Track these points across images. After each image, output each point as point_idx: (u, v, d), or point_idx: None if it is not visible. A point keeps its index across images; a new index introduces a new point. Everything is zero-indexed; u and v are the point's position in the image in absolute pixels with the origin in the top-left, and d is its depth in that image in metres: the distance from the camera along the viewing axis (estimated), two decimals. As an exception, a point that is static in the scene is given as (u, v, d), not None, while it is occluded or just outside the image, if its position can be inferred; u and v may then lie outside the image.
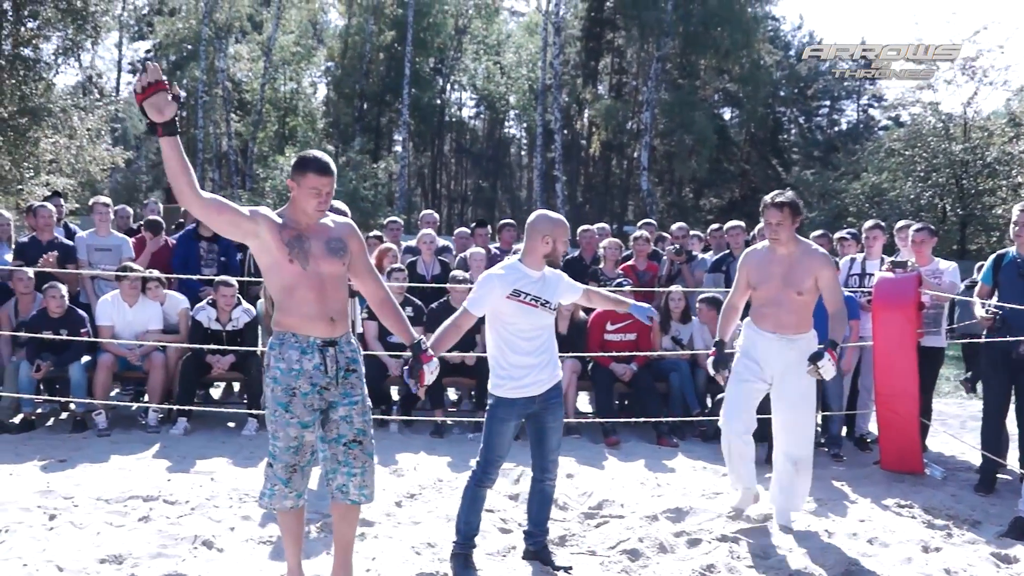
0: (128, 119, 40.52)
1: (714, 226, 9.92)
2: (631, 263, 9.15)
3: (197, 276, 8.64)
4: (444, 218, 43.56)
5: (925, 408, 7.21)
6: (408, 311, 8.25)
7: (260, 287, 8.37)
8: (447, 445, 7.63)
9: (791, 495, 5.50)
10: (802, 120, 46.16)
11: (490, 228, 10.03)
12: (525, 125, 47.03)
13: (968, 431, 8.56)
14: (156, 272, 8.29)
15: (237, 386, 9.26)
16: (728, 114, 43.42)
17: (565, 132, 38.37)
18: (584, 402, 9.38)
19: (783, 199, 5.20)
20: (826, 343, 5.15)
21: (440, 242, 9.71)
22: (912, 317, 6.79)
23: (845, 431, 8.05)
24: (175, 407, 7.85)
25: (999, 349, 6.28)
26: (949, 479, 6.90)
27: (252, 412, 7.91)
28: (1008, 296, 6.26)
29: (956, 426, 9.00)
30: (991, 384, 6.52)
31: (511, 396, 4.50)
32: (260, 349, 7.67)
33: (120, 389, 9.14)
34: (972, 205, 26.97)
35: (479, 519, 4.73)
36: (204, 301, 8.24)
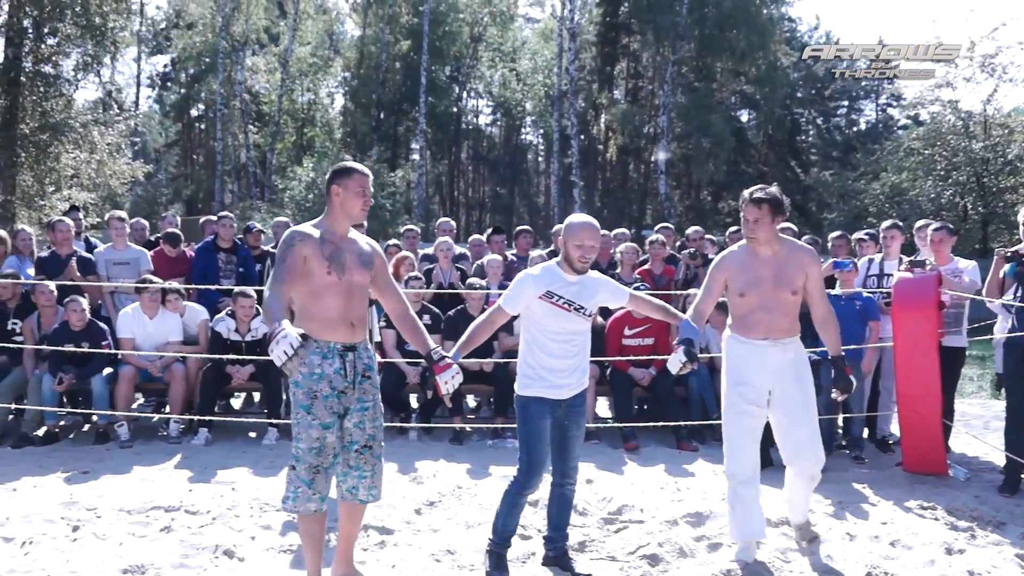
0: (147, 133, 40.82)
1: (732, 229, 9.88)
2: (647, 267, 9.13)
3: (216, 287, 8.70)
4: (462, 225, 43.70)
5: (947, 409, 7.15)
6: (426, 319, 8.28)
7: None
8: (466, 452, 7.63)
9: (803, 507, 5.20)
10: (820, 121, 45.98)
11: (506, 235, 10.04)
12: (542, 131, 47.02)
13: (991, 432, 8.49)
14: (175, 284, 8.35)
15: (257, 396, 9.30)
16: (745, 116, 43.29)
17: (582, 137, 38.39)
18: (603, 407, 9.37)
19: (762, 195, 4.77)
20: (835, 360, 4.97)
21: (457, 249, 9.73)
22: (932, 317, 6.73)
23: (867, 433, 7.99)
24: (196, 418, 7.88)
25: (1023, 348, 6.24)
26: (972, 480, 6.83)
27: (272, 422, 7.94)
28: None
29: (979, 427, 8.93)
30: (1015, 384, 6.45)
31: (538, 395, 4.50)
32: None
33: (142, 401, 9.19)
34: (993, 203, 26.78)
35: (517, 522, 4.74)
36: (223, 312, 8.29)
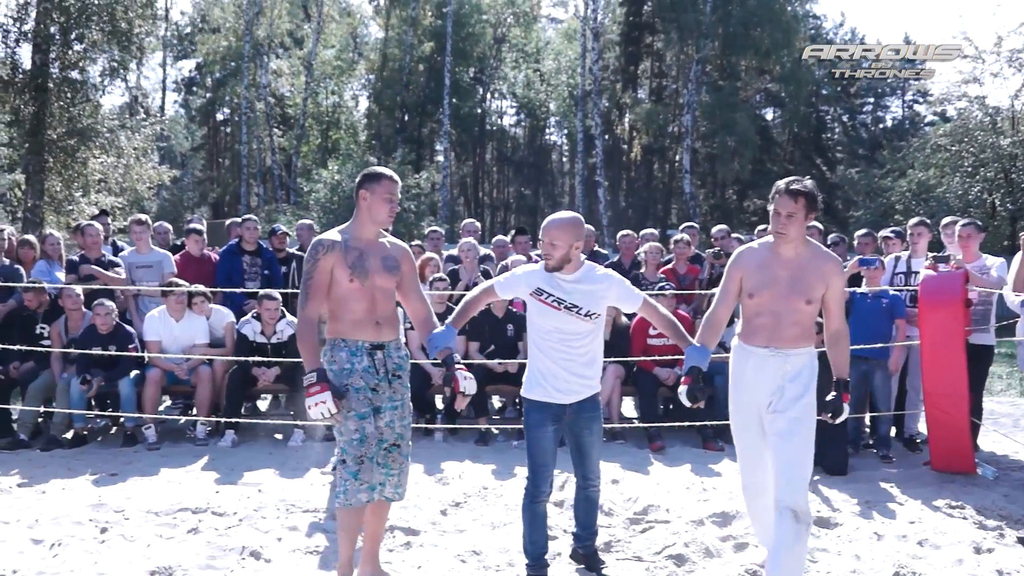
0: (173, 137, 41.10)
1: (760, 227, 9.83)
2: (671, 266, 9.10)
3: (241, 290, 8.74)
4: (487, 226, 43.68)
5: (975, 407, 7.10)
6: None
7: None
8: (492, 453, 7.64)
9: (796, 558, 4.18)
10: (846, 118, 45.65)
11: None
12: (566, 131, 46.95)
13: (1021, 430, 8.43)
14: (201, 287, 8.40)
15: (283, 398, 9.34)
16: (770, 114, 43.01)
17: (606, 137, 38.25)
18: (628, 407, 9.35)
19: (800, 187, 4.24)
20: (837, 384, 4.46)
21: (481, 251, 9.73)
22: (959, 315, 6.69)
23: (894, 432, 7.96)
24: (223, 420, 7.94)
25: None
26: (1001, 479, 6.79)
27: (298, 423, 7.97)
28: None
29: (1008, 425, 8.86)
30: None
31: (539, 399, 4.45)
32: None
33: (169, 403, 9.25)
34: (1022, 199, 26.49)
35: (544, 535, 4.65)
36: (249, 315, 8.33)
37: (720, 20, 34.08)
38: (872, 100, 45.83)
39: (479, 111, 46.10)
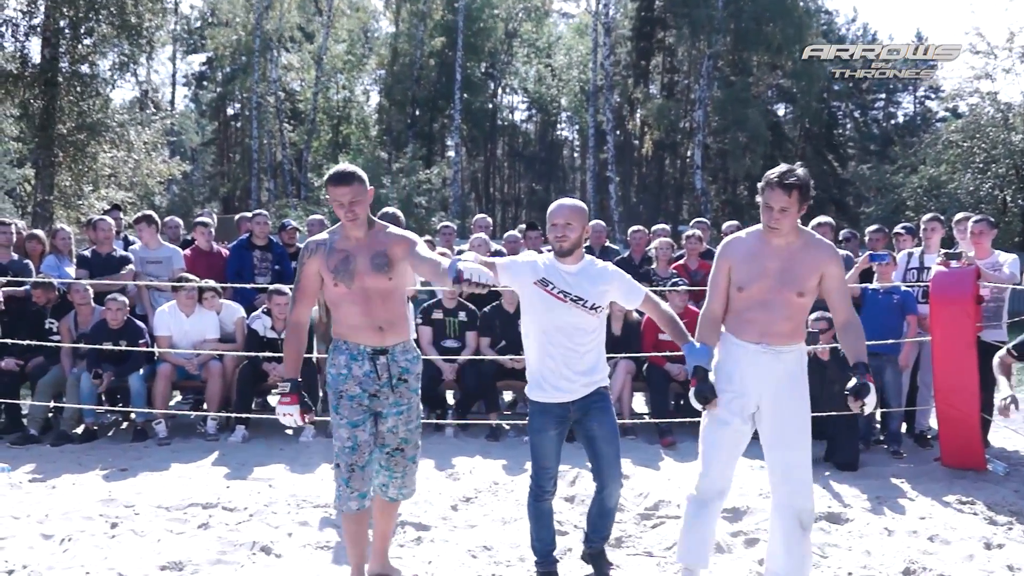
0: (184, 132, 41.16)
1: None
2: (683, 262, 9.08)
3: (252, 285, 8.73)
4: (498, 222, 43.64)
5: (986, 403, 7.06)
6: (462, 315, 8.29)
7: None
8: (502, 448, 7.63)
9: (799, 560, 4.17)
10: (857, 114, 45.55)
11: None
12: (577, 127, 46.98)
13: (1033, 426, 8.38)
14: (211, 282, 8.39)
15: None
16: (782, 110, 42.98)
17: (617, 133, 38.21)
18: (639, 403, 9.33)
19: (793, 179, 3.96)
20: (859, 368, 4.10)
21: (493, 246, 9.70)
22: (970, 311, 6.67)
23: (905, 428, 7.93)
24: (233, 415, 7.93)
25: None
26: (1012, 475, 6.78)
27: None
28: None
29: (1019, 421, 8.74)
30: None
31: (541, 400, 4.30)
32: (314, 356, 7.73)
33: (179, 398, 9.25)
34: (1033, 196, 26.44)
35: (551, 533, 4.54)
36: (259, 310, 8.32)
37: (732, 16, 34.03)
38: (884, 96, 45.74)
39: (490, 106, 46.14)
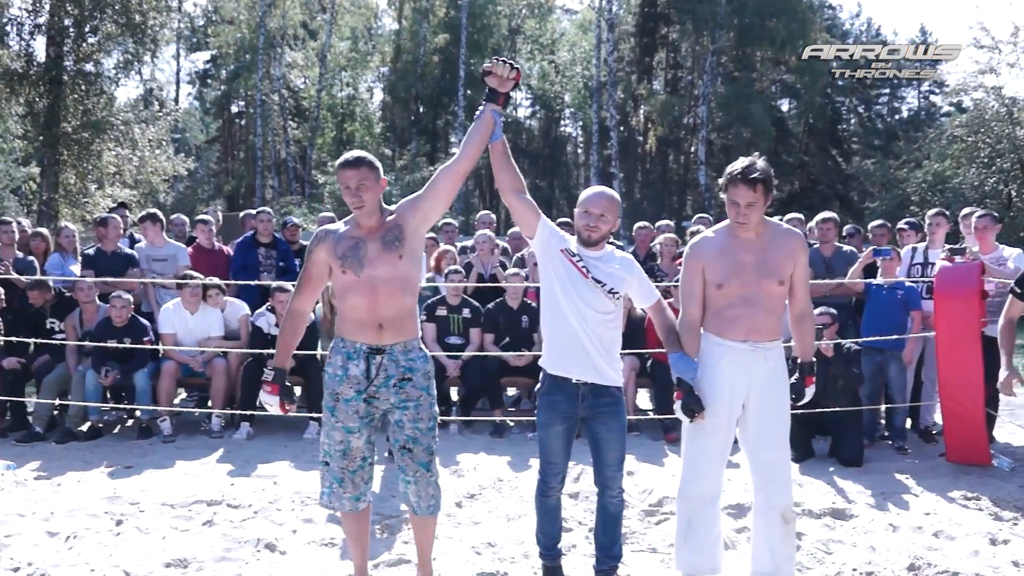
0: (188, 129, 41.17)
1: (777, 218, 9.76)
2: (687, 258, 9.05)
3: (256, 282, 8.73)
4: (502, 218, 43.59)
5: (991, 398, 7.06)
6: (466, 312, 8.29)
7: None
8: (506, 445, 7.63)
9: (786, 557, 4.21)
10: (861, 109, 45.44)
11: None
12: (580, 123, 46.82)
13: (1038, 421, 8.38)
14: (216, 279, 8.40)
15: (298, 390, 9.33)
16: (785, 106, 42.86)
17: (621, 129, 38.18)
18: (644, 399, 9.33)
19: (757, 173, 3.94)
20: (801, 367, 4.27)
21: (498, 243, 9.69)
22: (975, 306, 6.66)
23: (909, 423, 7.92)
24: (238, 412, 7.94)
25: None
26: (1017, 470, 6.76)
27: (313, 416, 7.95)
28: None
29: (1025, 416, 8.80)
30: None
31: (556, 373, 4.18)
32: (319, 353, 7.73)
33: (184, 396, 9.26)
34: (1038, 190, 26.35)
35: (557, 527, 4.50)
36: (264, 307, 8.32)
37: (735, 11, 33.97)
38: (888, 91, 45.56)
39: (493, 103, 45.98)
